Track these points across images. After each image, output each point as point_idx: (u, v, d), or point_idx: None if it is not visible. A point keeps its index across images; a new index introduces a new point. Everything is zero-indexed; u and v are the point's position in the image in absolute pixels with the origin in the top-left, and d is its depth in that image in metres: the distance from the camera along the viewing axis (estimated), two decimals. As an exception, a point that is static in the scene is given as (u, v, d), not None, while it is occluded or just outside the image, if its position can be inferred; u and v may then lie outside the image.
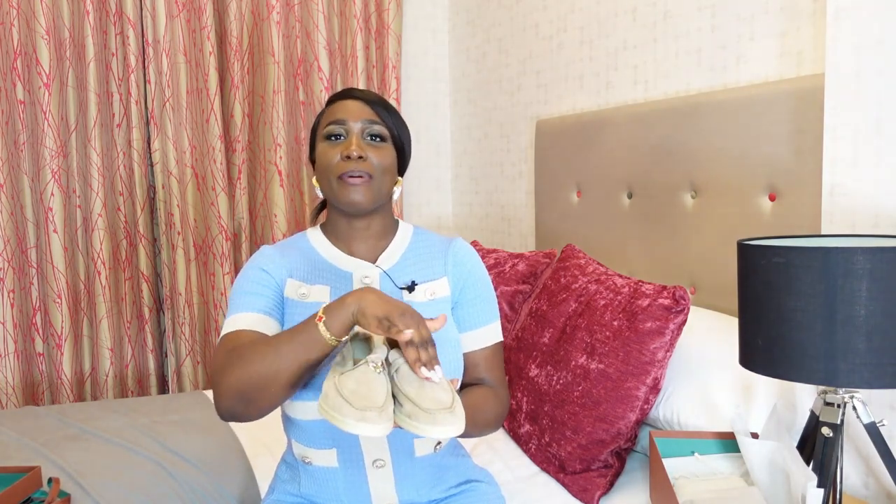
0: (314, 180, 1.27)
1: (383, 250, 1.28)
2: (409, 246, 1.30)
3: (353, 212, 1.24)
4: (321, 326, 1.01)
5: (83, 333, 2.75)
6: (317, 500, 1.23)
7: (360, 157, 1.20)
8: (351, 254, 1.27)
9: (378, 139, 1.23)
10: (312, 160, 1.30)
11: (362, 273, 1.25)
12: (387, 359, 1.04)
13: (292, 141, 3.00)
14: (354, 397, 0.94)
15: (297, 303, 1.23)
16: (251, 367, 1.03)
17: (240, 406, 1.06)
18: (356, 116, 1.22)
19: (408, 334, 0.97)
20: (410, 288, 1.24)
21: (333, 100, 1.28)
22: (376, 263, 1.26)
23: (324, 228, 1.32)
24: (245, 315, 1.17)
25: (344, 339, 1.04)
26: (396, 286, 1.24)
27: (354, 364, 1.03)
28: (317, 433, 1.19)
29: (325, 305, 1.04)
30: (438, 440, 1.24)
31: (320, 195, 1.28)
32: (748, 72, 1.88)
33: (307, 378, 1.07)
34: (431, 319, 1.04)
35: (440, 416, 0.93)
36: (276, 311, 1.21)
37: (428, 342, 1.00)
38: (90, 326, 2.76)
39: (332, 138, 1.23)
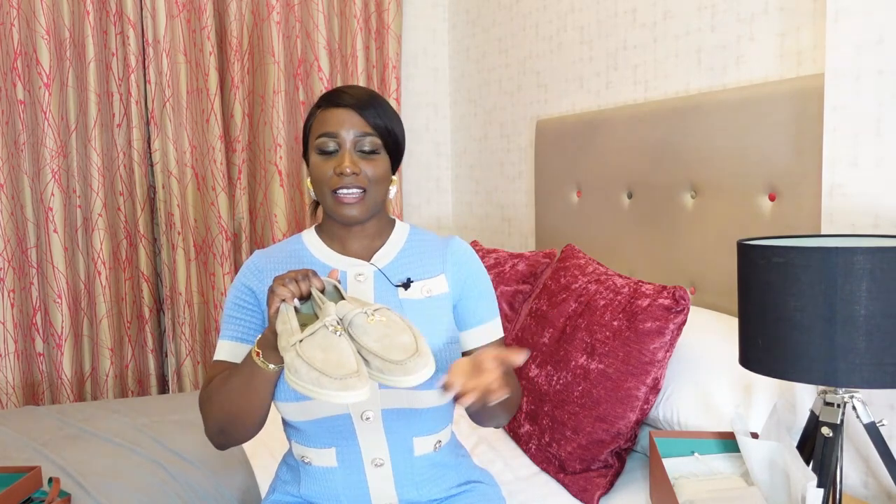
0: (308, 182, 1.26)
1: (378, 249, 1.27)
2: (406, 244, 1.29)
3: (348, 224, 1.23)
4: (259, 361, 1.09)
5: (83, 333, 2.75)
6: (317, 500, 1.23)
7: (354, 173, 1.19)
8: (346, 253, 1.26)
9: (370, 150, 1.21)
10: (306, 158, 1.29)
11: (356, 271, 1.24)
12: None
13: (292, 141, 3.00)
14: (328, 366, 0.93)
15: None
16: (218, 407, 1.17)
17: (222, 439, 1.20)
18: (348, 128, 1.20)
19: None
20: (406, 285, 1.23)
21: (324, 103, 1.24)
22: (371, 261, 1.25)
23: (319, 229, 1.31)
24: (226, 344, 1.24)
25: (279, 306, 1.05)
26: (391, 283, 1.23)
27: (302, 329, 1.01)
28: (314, 433, 1.19)
29: (258, 339, 1.10)
30: (437, 441, 1.24)
31: (315, 198, 1.27)
32: (748, 72, 1.88)
33: (266, 407, 1.17)
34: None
35: (410, 364, 0.95)
36: (256, 335, 1.24)
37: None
38: (90, 326, 2.76)
39: (324, 151, 1.21)
